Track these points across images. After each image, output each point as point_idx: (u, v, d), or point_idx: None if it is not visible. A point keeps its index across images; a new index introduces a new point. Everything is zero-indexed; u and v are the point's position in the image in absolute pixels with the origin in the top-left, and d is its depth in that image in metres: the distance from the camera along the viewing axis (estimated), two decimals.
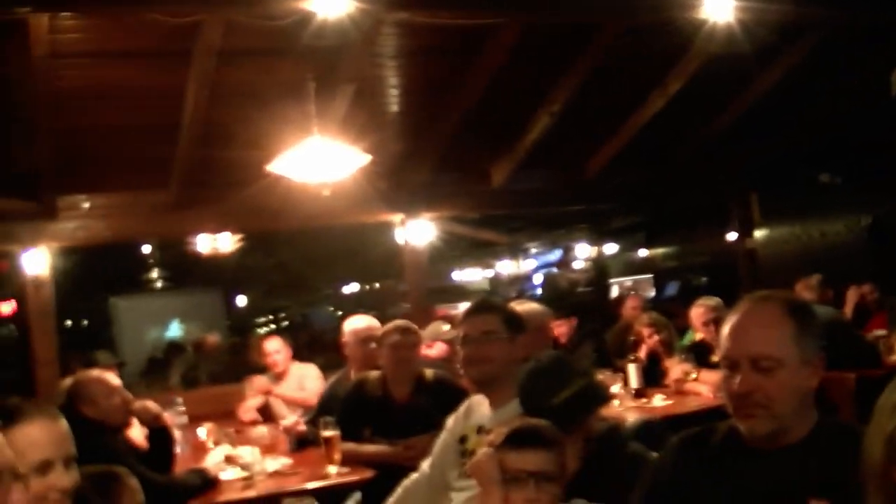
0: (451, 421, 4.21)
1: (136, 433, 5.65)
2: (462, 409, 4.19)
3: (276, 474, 5.54)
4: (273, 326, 21.15)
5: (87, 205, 8.67)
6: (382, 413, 5.66)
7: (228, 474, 5.52)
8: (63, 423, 2.70)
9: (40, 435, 2.62)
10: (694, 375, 7.07)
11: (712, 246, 15.68)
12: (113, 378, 5.17)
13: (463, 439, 4.04)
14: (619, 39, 8.12)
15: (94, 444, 3.92)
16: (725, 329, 2.48)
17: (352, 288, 23.18)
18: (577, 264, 18.74)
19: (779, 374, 2.37)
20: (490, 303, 4.22)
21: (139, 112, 7.90)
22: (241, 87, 7.80)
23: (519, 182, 9.99)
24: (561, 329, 8.46)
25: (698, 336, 7.57)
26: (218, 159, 8.42)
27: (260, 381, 7.93)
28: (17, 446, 2.29)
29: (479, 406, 4.06)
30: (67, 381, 5.72)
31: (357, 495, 5.66)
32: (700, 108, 9.63)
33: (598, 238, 13.19)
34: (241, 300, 22.73)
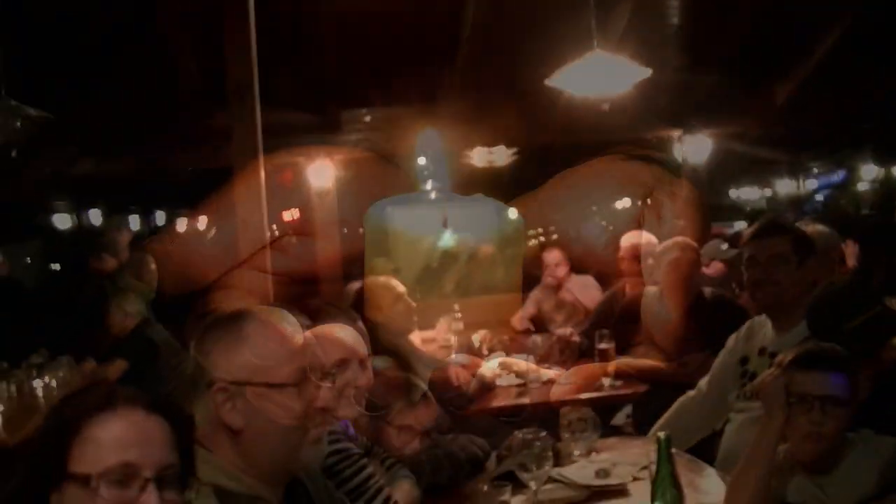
0: (731, 341, 4.13)
1: (415, 337, 5.86)
2: (743, 329, 4.10)
3: (549, 383, 5.59)
4: (542, 239, 21.26)
5: (368, 118, 8.98)
6: (659, 329, 5.62)
7: (503, 381, 5.65)
8: (360, 325, 2.88)
9: (341, 334, 2.80)
10: None
11: None
12: (398, 285, 5.37)
13: (744, 360, 3.97)
14: None
15: (379, 347, 4.11)
16: None
17: (624, 203, 22.93)
18: (863, 185, 17.82)
19: None
20: (780, 225, 4.02)
21: (418, 28, 8.05)
22: (521, 1, 7.81)
23: (803, 99, 9.56)
24: (848, 252, 8.09)
25: None
26: (496, 73, 8.49)
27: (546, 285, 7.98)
28: (320, 344, 2.45)
29: (762, 328, 3.96)
30: (355, 286, 6.01)
31: (628, 408, 5.67)
32: None
33: (886, 158, 12.38)
34: (513, 213, 22.97)
